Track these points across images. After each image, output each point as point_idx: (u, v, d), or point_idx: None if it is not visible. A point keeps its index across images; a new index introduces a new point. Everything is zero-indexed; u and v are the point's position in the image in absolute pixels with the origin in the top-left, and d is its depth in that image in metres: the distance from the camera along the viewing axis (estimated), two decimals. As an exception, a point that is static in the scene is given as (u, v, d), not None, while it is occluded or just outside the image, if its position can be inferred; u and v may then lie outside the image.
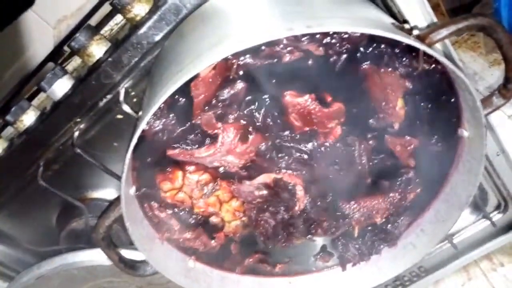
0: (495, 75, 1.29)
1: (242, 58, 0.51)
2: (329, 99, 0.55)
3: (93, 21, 0.87)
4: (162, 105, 0.53)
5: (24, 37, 1.05)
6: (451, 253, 1.00)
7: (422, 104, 0.57)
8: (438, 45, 0.64)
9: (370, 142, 0.59)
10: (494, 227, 0.96)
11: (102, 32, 0.76)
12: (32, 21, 1.04)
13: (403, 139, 0.59)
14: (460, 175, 0.62)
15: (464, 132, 0.58)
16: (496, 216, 0.96)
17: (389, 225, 0.67)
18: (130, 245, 0.61)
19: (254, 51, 0.50)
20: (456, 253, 0.99)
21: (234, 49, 0.42)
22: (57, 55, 0.85)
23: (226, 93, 0.53)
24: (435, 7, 1.39)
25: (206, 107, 0.53)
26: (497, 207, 0.95)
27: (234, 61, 0.50)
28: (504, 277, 1.05)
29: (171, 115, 0.54)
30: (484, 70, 1.33)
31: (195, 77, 0.50)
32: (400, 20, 0.63)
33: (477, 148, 0.57)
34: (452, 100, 0.57)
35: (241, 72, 0.52)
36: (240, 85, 0.53)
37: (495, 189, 0.91)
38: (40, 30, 1.06)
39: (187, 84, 0.51)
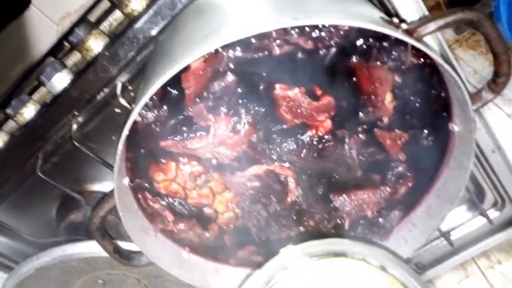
0: (495, 74, 1.28)
1: (232, 50, 0.52)
2: (318, 92, 0.56)
3: (94, 17, 0.89)
4: (154, 97, 0.54)
5: (28, 34, 1.07)
6: (448, 250, 1.00)
7: (412, 98, 0.58)
8: (432, 41, 0.65)
9: (360, 135, 0.60)
10: (491, 225, 0.96)
11: (101, 27, 0.77)
12: (36, 18, 1.06)
13: (393, 132, 0.59)
14: (451, 170, 0.63)
15: (455, 127, 0.59)
16: (493, 214, 0.95)
17: (381, 219, 0.68)
18: (128, 237, 0.63)
19: (244, 44, 0.51)
20: (453, 250, 1.00)
21: (222, 42, 0.43)
22: (57, 50, 0.87)
23: (216, 86, 0.54)
24: (436, 6, 1.39)
25: (198, 99, 0.54)
26: (494, 204, 0.95)
27: (224, 53, 0.52)
28: (501, 275, 1.05)
29: (163, 107, 0.55)
30: (484, 69, 1.33)
31: (186, 69, 0.52)
32: (392, 16, 0.63)
33: (467, 143, 0.58)
34: (442, 94, 0.58)
35: (231, 65, 0.53)
36: (230, 77, 0.53)
37: (491, 186, 0.91)
38: (43, 27, 1.08)
39: (179, 76, 0.52)
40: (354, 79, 0.55)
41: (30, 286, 0.86)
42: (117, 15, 0.81)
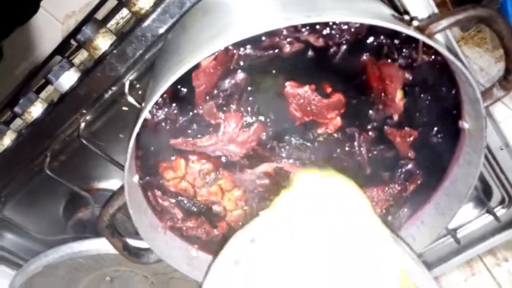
0: (501, 71, 1.28)
1: (242, 48, 0.52)
2: (328, 89, 0.56)
3: (100, 15, 0.89)
4: (164, 95, 0.54)
5: (33, 33, 1.07)
6: (454, 248, 1.00)
7: (422, 95, 0.57)
8: (440, 38, 0.65)
9: (370, 133, 0.60)
10: (498, 222, 0.96)
11: (108, 25, 0.77)
12: (41, 17, 1.06)
13: (403, 130, 0.59)
14: (461, 168, 0.62)
15: (465, 124, 0.59)
16: (500, 211, 0.95)
17: (390, 216, 0.68)
18: (136, 234, 0.63)
19: (255, 41, 0.51)
20: (459, 247, 0.99)
21: (233, 39, 0.43)
22: (64, 49, 0.87)
23: (227, 84, 0.54)
24: (442, 4, 1.39)
25: (208, 97, 0.54)
26: (501, 202, 0.95)
27: (235, 51, 0.51)
28: (508, 272, 1.05)
29: (173, 105, 0.55)
30: (490, 66, 1.32)
31: (196, 67, 0.52)
32: (401, 13, 0.63)
33: (477, 141, 0.58)
34: (453, 92, 0.57)
35: (241, 63, 0.53)
36: (241, 75, 0.53)
37: (498, 183, 0.91)
38: (49, 26, 1.08)
39: (189, 74, 0.52)
40: (364, 76, 0.55)
41: (38, 284, 0.87)
42: (124, 13, 0.82)
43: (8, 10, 0.93)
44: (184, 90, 0.54)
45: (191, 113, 0.56)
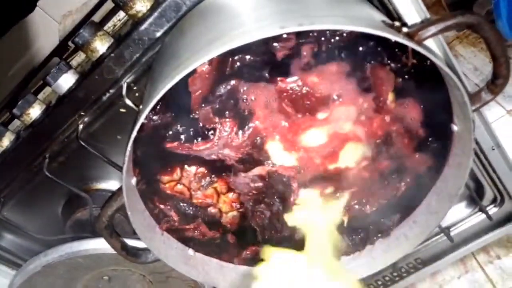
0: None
1: (237, 54, 0.52)
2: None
3: (97, 17, 0.89)
4: (161, 100, 0.55)
5: (29, 32, 1.07)
6: (447, 246, 1.02)
7: (413, 98, 0.59)
8: (432, 42, 0.66)
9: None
10: (490, 220, 0.97)
11: (105, 28, 0.78)
12: (38, 16, 1.06)
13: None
14: (451, 169, 0.64)
15: (454, 127, 0.60)
16: (492, 210, 0.97)
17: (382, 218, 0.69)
18: (133, 235, 0.64)
19: (249, 47, 0.52)
20: (453, 245, 1.01)
21: (228, 47, 0.44)
22: (62, 50, 0.88)
23: (222, 89, 0.55)
24: (436, 2, 1.40)
25: (204, 102, 0.55)
26: (493, 201, 0.96)
27: (230, 57, 0.52)
28: (500, 269, 1.06)
29: (170, 110, 0.56)
30: (484, 65, 1.34)
31: (193, 72, 0.53)
32: (394, 18, 0.64)
33: (466, 143, 0.59)
34: (443, 95, 0.58)
35: (236, 67, 0.54)
36: (236, 80, 0.54)
37: (490, 183, 0.92)
38: (45, 25, 1.08)
39: (185, 79, 0.53)
40: (357, 79, 0.56)
41: (37, 283, 0.88)
42: (121, 15, 0.83)
43: (5, 9, 0.94)
44: (181, 94, 0.55)
45: (187, 118, 0.57)
